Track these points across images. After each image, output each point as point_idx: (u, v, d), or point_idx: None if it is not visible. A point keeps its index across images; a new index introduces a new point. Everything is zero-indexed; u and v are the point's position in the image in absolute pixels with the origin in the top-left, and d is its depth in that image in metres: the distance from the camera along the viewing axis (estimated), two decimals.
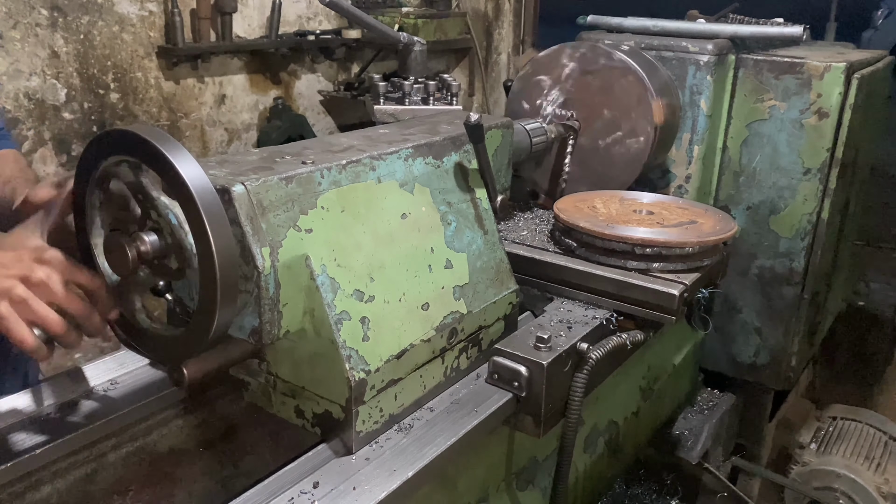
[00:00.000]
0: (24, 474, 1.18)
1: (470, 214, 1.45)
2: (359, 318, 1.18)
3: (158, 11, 3.44)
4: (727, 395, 2.54)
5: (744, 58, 2.18)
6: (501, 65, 5.35)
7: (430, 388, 1.33)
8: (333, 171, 1.22)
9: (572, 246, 1.69)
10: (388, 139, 1.41)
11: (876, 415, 3.00)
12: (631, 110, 1.95)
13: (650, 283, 1.57)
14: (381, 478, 1.13)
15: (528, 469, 1.62)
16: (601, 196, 1.89)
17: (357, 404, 1.17)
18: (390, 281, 1.26)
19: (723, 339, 2.44)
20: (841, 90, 2.09)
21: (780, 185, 2.20)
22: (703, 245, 1.63)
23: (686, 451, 2.31)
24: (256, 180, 1.11)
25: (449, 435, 1.24)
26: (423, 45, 2.17)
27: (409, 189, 1.34)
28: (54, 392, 1.31)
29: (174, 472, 1.39)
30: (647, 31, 2.30)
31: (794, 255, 2.24)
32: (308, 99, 4.20)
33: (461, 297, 1.38)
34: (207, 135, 3.78)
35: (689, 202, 1.94)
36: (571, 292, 1.65)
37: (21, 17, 3.00)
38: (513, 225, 1.94)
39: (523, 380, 1.35)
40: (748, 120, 2.21)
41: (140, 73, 3.44)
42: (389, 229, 1.28)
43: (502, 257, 1.50)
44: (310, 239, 1.15)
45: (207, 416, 1.45)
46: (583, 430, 1.81)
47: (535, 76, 2.09)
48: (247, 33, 3.82)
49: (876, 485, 2.62)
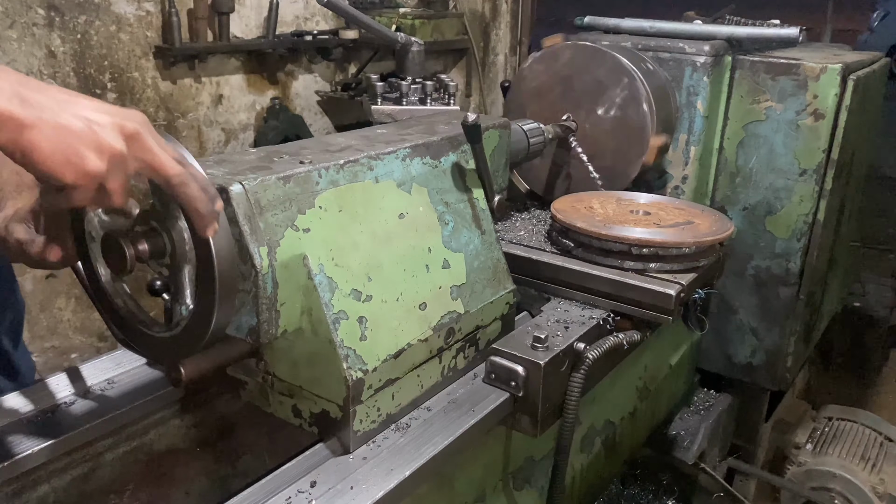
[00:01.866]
0: (22, 473, 1.17)
1: (467, 214, 1.46)
2: (356, 318, 1.19)
3: (155, 11, 3.43)
4: (723, 396, 2.55)
5: (740, 59, 2.19)
6: (499, 65, 5.35)
7: (427, 387, 1.34)
8: (331, 171, 1.22)
9: (569, 246, 1.70)
10: (385, 139, 1.41)
11: (871, 415, 3.00)
12: (617, 88, 1.94)
13: (647, 283, 1.57)
14: (379, 477, 1.13)
15: (524, 469, 1.62)
16: (598, 196, 1.90)
17: (354, 404, 1.17)
18: (388, 280, 1.26)
19: (719, 340, 2.44)
20: (837, 91, 2.10)
21: (777, 186, 2.21)
22: (700, 245, 1.64)
23: (682, 451, 2.31)
24: (254, 180, 1.11)
25: (446, 434, 1.24)
26: (420, 46, 2.18)
27: (406, 189, 1.35)
28: (51, 391, 1.31)
29: (171, 472, 1.39)
30: (644, 33, 2.30)
31: (791, 256, 2.25)
32: (305, 99, 4.20)
33: (458, 296, 1.38)
34: (204, 135, 3.77)
35: (685, 203, 1.95)
36: (568, 292, 1.65)
37: (18, 16, 3.00)
38: (510, 225, 1.94)
39: (520, 379, 1.35)
40: (745, 121, 2.21)
41: (137, 72, 3.43)
42: (387, 229, 1.29)
43: (500, 257, 1.50)
44: (308, 238, 1.16)
45: (205, 415, 1.45)
46: (579, 429, 1.82)
47: (530, 77, 2.10)
48: (244, 33, 3.82)
49: (871, 485, 2.63)
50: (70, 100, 0.89)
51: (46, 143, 0.85)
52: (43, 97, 0.86)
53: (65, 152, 0.86)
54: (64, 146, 0.86)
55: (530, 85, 2.11)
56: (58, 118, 0.86)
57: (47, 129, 0.85)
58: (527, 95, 2.11)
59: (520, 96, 2.13)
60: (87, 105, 0.90)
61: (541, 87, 2.08)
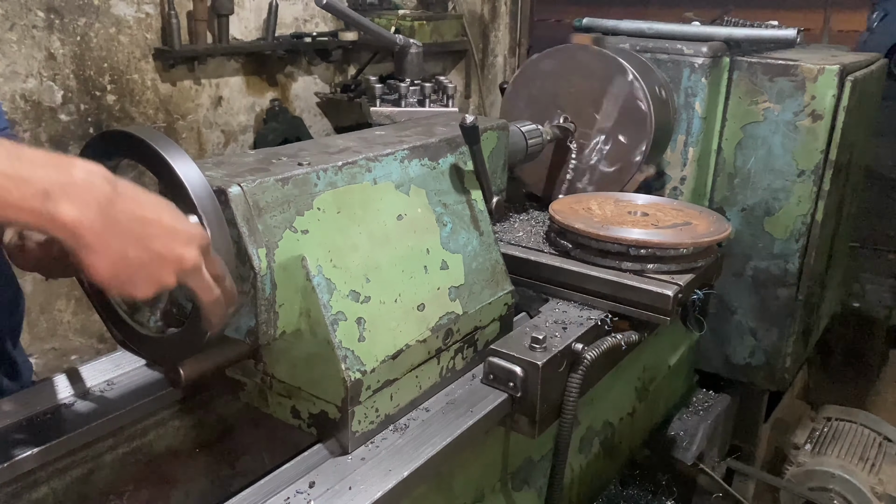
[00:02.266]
0: (22, 474, 1.18)
1: (465, 216, 1.46)
2: (355, 319, 1.19)
3: (155, 14, 3.44)
4: (722, 396, 2.55)
5: (738, 60, 2.19)
6: (498, 67, 5.36)
7: (425, 388, 1.34)
8: (329, 173, 1.23)
9: (567, 247, 1.70)
10: (383, 141, 1.42)
11: (870, 415, 3.01)
12: (615, 88, 1.95)
13: (645, 284, 1.58)
14: (377, 477, 1.14)
15: (523, 469, 1.63)
16: (596, 198, 1.90)
17: (353, 404, 1.18)
18: (386, 282, 1.26)
19: (718, 341, 2.45)
20: (834, 92, 2.11)
21: (775, 187, 2.22)
22: (698, 246, 1.64)
23: (681, 451, 2.31)
24: (253, 181, 1.11)
25: (444, 435, 1.24)
26: (418, 48, 2.19)
27: (404, 190, 1.35)
28: (51, 393, 1.32)
29: (171, 473, 1.39)
30: (642, 34, 2.31)
31: (789, 257, 2.25)
32: (305, 101, 4.21)
33: (457, 297, 1.39)
34: (204, 136, 3.78)
35: (683, 204, 1.95)
36: (567, 293, 1.66)
37: (18, 18, 3.01)
38: (509, 226, 1.95)
39: (518, 380, 1.36)
40: (743, 122, 2.22)
41: (137, 74, 3.44)
42: (385, 230, 1.29)
43: (498, 258, 1.51)
44: (306, 240, 1.16)
45: (204, 416, 1.45)
46: (578, 430, 1.82)
47: (528, 78, 2.10)
48: (243, 35, 3.83)
49: (870, 485, 2.63)
50: (147, 224, 0.91)
51: (105, 269, 0.88)
52: (124, 217, 0.88)
53: (120, 279, 0.90)
54: (121, 275, 0.90)
55: (528, 86, 2.11)
56: (125, 249, 0.89)
57: (110, 257, 0.88)
58: (525, 97, 2.12)
59: (518, 98, 2.13)
60: (160, 233, 0.92)
61: (539, 89, 2.09)
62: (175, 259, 0.93)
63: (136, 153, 1.04)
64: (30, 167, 0.82)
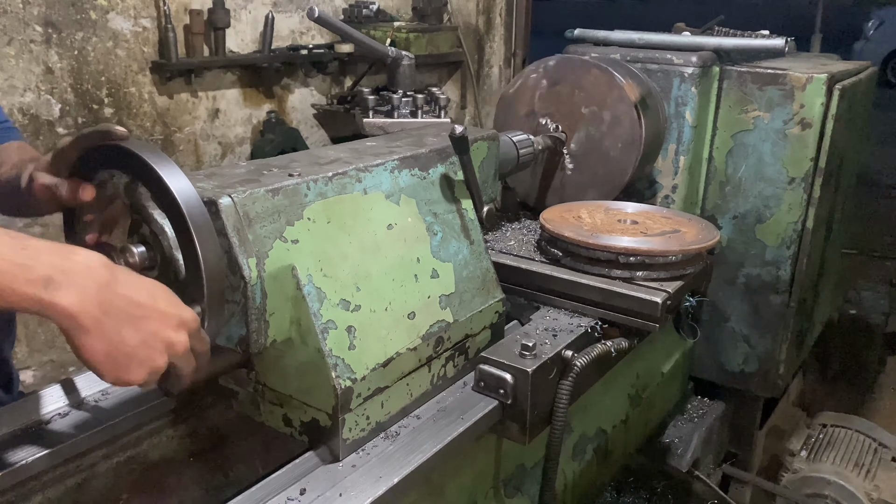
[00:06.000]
0: (16, 484, 1.19)
1: (456, 225, 1.48)
2: (345, 327, 1.20)
3: (152, 27, 3.47)
4: (717, 403, 2.56)
5: (728, 69, 2.22)
6: (493, 78, 5.39)
7: (416, 396, 1.35)
8: (320, 183, 1.24)
9: (558, 255, 1.72)
10: (374, 151, 1.43)
11: (866, 422, 3.02)
12: (606, 98, 1.97)
13: (634, 291, 1.59)
14: (368, 484, 1.15)
15: (515, 476, 1.64)
16: (587, 206, 1.92)
17: (343, 412, 1.19)
18: (376, 290, 1.28)
19: (711, 348, 2.46)
20: (823, 101, 2.13)
21: (766, 195, 2.23)
22: (686, 253, 1.66)
23: (676, 458, 2.32)
24: (243, 192, 1.13)
25: (435, 442, 1.26)
26: (411, 60, 2.21)
27: (395, 200, 1.37)
28: (45, 402, 1.33)
29: (165, 482, 1.40)
30: (633, 44, 2.33)
31: (780, 264, 2.27)
32: (301, 112, 4.23)
33: (447, 306, 1.40)
34: (201, 149, 3.80)
35: (673, 212, 1.97)
36: (557, 301, 1.67)
37: (15, 33, 3.03)
38: (501, 235, 1.96)
39: (509, 387, 1.37)
40: (733, 130, 2.24)
41: (134, 88, 3.47)
42: (375, 240, 1.31)
43: (488, 267, 1.52)
44: (296, 250, 1.18)
45: (197, 425, 1.46)
46: (571, 437, 1.83)
47: (520, 89, 2.13)
48: (240, 48, 3.85)
49: (866, 491, 2.64)
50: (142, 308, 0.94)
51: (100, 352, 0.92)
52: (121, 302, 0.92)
53: (113, 364, 0.93)
54: (114, 360, 0.93)
55: (521, 97, 2.13)
56: (120, 331, 0.92)
57: (105, 340, 0.91)
58: (517, 107, 2.14)
59: (511, 108, 2.15)
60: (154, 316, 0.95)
61: (532, 99, 2.11)
62: (168, 344, 0.97)
63: (128, 166, 1.06)
64: (34, 254, 0.87)
